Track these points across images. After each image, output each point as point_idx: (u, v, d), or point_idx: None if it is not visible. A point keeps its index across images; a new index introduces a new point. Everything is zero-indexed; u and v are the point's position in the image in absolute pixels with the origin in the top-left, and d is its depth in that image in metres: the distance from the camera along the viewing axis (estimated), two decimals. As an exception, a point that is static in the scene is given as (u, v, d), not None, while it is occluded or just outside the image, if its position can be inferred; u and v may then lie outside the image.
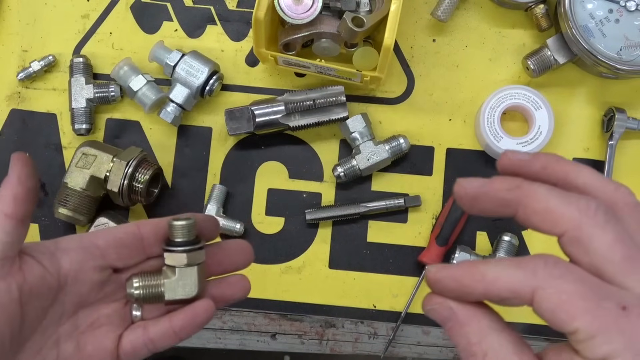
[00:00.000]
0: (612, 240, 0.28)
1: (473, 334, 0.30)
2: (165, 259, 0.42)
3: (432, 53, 0.71)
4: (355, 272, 0.68)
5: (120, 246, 0.42)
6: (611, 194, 0.31)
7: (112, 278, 0.42)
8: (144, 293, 0.42)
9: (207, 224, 0.44)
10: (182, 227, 0.41)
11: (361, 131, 0.66)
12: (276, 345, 0.68)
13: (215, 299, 0.44)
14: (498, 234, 0.66)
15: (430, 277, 0.31)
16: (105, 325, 0.42)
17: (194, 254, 0.41)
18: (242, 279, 0.45)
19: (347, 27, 0.59)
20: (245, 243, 0.46)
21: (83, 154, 0.64)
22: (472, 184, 0.32)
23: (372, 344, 0.68)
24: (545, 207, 0.29)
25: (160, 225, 0.43)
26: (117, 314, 0.43)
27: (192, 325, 0.42)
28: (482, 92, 0.69)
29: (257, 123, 0.67)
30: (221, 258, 0.45)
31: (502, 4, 0.70)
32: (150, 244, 0.43)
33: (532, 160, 0.32)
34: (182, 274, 0.41)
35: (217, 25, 0.72)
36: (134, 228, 0.42)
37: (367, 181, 0.69)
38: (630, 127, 0.66)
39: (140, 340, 0.42)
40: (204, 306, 0.42)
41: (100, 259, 0.41)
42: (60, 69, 0.71)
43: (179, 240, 0.41)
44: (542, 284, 0.28)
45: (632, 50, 0.64)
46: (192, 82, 0.66)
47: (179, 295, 0.42)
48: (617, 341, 0.26)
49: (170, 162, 0.70)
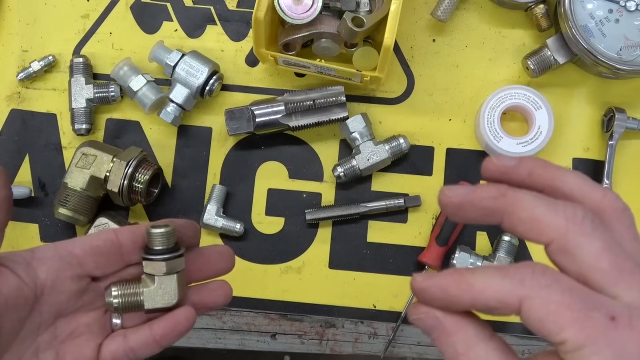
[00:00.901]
0: (599, 249, 0.28)
1: (460, 343, 0.30)
2: (144, 268, 0.41)
3: (432, 53, 0.71)
4: (355, 272, 0.68)
5: (97, 254, 0.41)
6: (599, 200, 0.30)
7: (90, 286, 0.42)
8: (123, 302, 0.41)
9: (187, 230, 0.43)
10: (161, 234, 0.40)
11: (361, 131, 0.66)
12: (276, 345, 0.68)
13: (196, 305, 0.43)
14: (498, 234, 0.66)
15: (416, 286, 0.31)
16: (84, 335, 0.41)
17: (173, 262, 0.41)
18: (223, 285, 0.45)
19: (347, 27, 0.59)
20: (226, 248, 0.45)
21: (83, 154, 0.64)
22: (456, 192, 0.31)
23: (372, 344, 0.68)
24: (530, 216, 0.29)
25: (139, 233, 0.42)
26: (97, 322, 0.42)
27: (173, 333, 0.42)
28: (482, 92, 0.69)
29: (257, 123, 0.67)
30: (202, 264, 0.44)
31: (502, 4, 0.70)
32: (128, 251, 0.42)
33: (518, 167, 0.32)
34: (161, 283, 0.41)
35: (217, 25, 0.72)
36: (111, 235, 0.42)
37: (367, 181, 0.69)
38: (630, 127, 0.67)
39: (121, 349, 0.41)
40: (184, 314, 0.42)
41: (78, 267, 0.41)
42: (60, 69, 0.71)
43: (157, 248, 0.40)
44: (530, 293, 0.27)
45: (632, 50, 0.64)
46: (192, 82, 0.66)
47: (159, 304, 0.41)
48: (606, 352, 0.26)
49: (170, 162, 0.70)
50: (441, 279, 0.30)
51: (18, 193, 0.67)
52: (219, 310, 0.68)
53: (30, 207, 0.69)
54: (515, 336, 0.67)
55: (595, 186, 0.31)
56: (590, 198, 0.30)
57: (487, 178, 0.33)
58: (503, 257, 0.64)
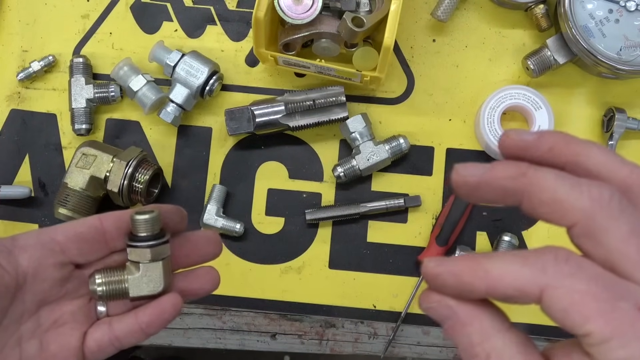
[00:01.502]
0: (627, 233, 0.26)
1: (475, 334, 0.28)
2: (129, 255, 0.40)
3: (432, 53, 0.71)
4: (355, 272, 0.68)
5: (81, 241, 0.40)
6: (626, 177, 0.28)
7: (74, 274, 0.41)
8: (107, 290, 0.40)
9: (173, 215, 0.42)
10: (145, 221, 0.39)
11: (361, 131, 0.66)
12: (276, 345, 0.68)
13: (183, 292, 0.42)
14: (498, 234, 0.66)
15: (429, 272, 0.28)
16: (69, 323, 0.41)
17: (158, 248, 0.40)
18: (210, 271, 0.44)
19: (347, 27, 0.59)
20: (214, 234, 0.44)
21: (83, 154, 0.64)
22: (472, 172, 0.29)
23: (372, 344, 0.68)
24: (553, 196, 0.27)
25: (123, 218, 0.41)
26: (81, 310, 0.41)
27: (159, 321, 0.41)
28: (482, 92, 0.69)
29: (257, 123, 0.67)
30: (188, 250, 0.43)
31: (502, 4, 0.70)
32: (113, 237, 0.41)
33: (538, 142, 0.29)
34: (146, 270, 0.40)
35: (217, 26, 0.72)
36: (95, 222, 0.40)
37: (367, 181, 0.69)
38: (630, 127, 0.66)
39: (106, 337, 0.40)
40: (170, 301, 0.41)
41: (60, 254, 0.40)
42: (60, 69, 0.71)
43: (142, 235, 0.39)
44: (552, 282, 0.25)
45: (632, 50, 0.64)
46: (192, 82, 0.66)
47: (144, 291, 0.40)
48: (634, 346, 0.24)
49: (170, 162, 0.70)
50: (455, 265, 0.28)
51: (18, 193, 0.67)
52: (218, 310, 0.68)
53: (30, 207, 0.69)
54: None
55: (622, 162, 0.28)
56: (617, 175, 0.28)
57: (505, 154, 0.30)
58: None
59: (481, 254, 0.28)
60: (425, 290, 0.29)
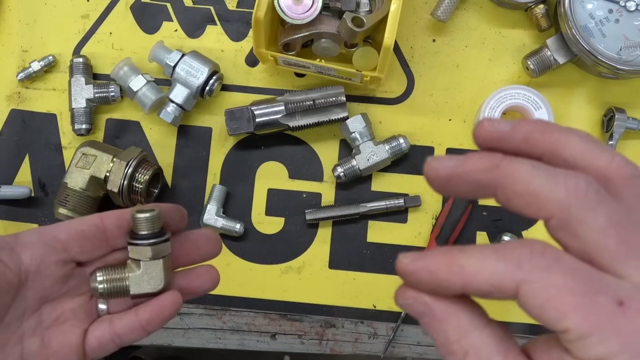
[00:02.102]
0: (605, 223, 0.25)
1: (452, 331, 0.27)
2: (130, 252, 0.41)
3: (432, 53, 0.71)
4: (355, 272, 0.68)
5: (82, 239, 0.40)
6: (605, 166, 0.27)
7: (75, 272, 0.41)
8: (108, 287, 0.40)
9: (173, 214, 0.42)
10: (146, 219, 0.40)
11: (361, 131, 0.66)
12: (276, 345, 0.68)
13: (183, 290, 0.42)
14: (498, 234, 0.66)
15: (403, 268, 0.28)
16: (70, 320, 0.41)
17: (159, 246, 0.40)
18: (210, 270, 0.44)
19: (347, 27, 0.59)
20: (213, 233, 0.45)
21: (83, 154, 0.64)
22: (444, 164, 0.28)
23: (372, 344, 0.68)
24: (527, 188, 0.26)
25: (124, 217, 0.41)
26: (82, 308, 0.42)
27: (159, 319, 0.41)
28: (482, 92, 0.69)
29: (257, 123, 0.67)
30: (188, 249, 0.43)
31: (502, 4, 0.70)
32: (114, 236, 0.41)
33: (513, 132, 0.28)
34: (147, 268, 0.40)
35: (217, 26, 0.72)
36: (96, 220, 0.41)
37: (367, 181, 0.69)
38: (630, 127, 0.67)
39: (107, 335, 0.41)
40: (170, 299, 0.41)
41: (62, 252, 0.40)
42: (60, 69, 0.71)
43: (143, 233, 0.40)
44: (528, 277, 0.25)
45: (632, 50, 0.64)
46: (192, 82, 0.66)
47: (145, 289, 0.41)
48: (613, 342, 0.23)
49: (170, 162, 0.70)
50: (430, 261, 0.27)
51: (18, 193, 0.67)
52: (218, 310, 0.68)
53: (30, 207, 0.69)
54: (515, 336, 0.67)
55: (601, 150, 0.27)
56: (595, 164, 0.27)
57: (480, 145, 0.30)
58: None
59: (457, 248, 0.27)
60: (401, 286, 0.29)
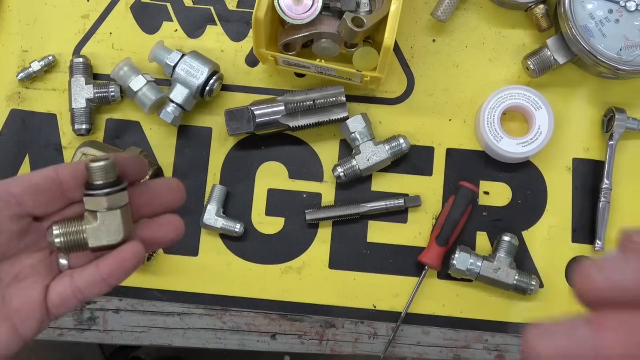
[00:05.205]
0: None
1: None
2: (85, 204, 0.39)
3: (432, 53, 0.71)
4: (355, 272, 0.68)
5: (37, 192, 0.39)
6: None
7: (32, 227, 0.40)
8: (65, 241, 0.39)
9: (131, 163, 0.41)
10: (100, 168, 0.39)
11: (361, 131, 0.66)
12: (276, 345, 0.68)
13: (146, 241, 0.41)
14: (498, 234, 0.66)
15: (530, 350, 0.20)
16: (30, 277, 0.40)
17: (115, 196, 0.39)
18: (173, 219, 0.42)
19: (347, 27, 0.59)
20: (175, 181, 0.43)
21: (83, 154, 0.64)
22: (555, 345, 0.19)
23: (372, 344, 0.68)
24: None
25: (80, 168, 0.40)
26: (42, 263, 0.40)
27: (120, 270, 0.39)
28: (482, 92, 0.69)
29: (257, 123, 0.67)
30: (149, 198, 0.42)
31: (502, 4, 0.70)
32: (70, 188, 0.40)
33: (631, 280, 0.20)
34: (104, 219, 0.39)
35: (217, 26, 0.72)
36: (51, 172, 0.40)
37: (367, 181, 0.69)
38: (630, 127, 0.67)
39: (68, 289, 0.39)
40: (131, 249, 0.39)
41: (16, 207, 0.39)
42: (60, 69, 0.71)
43: (98, 183, 0.39)
44: None
45: (632, 50, 0.64)
46: (192, 82, 0.66)
47: (104, 241, 0.39)
48: None
49: (170, 162, 0.70)
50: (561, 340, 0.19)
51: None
52: (218, 310, 0.68)
53: (30, 207, 0.69)
54: (515, 336, 0.67)
55: None
56: None
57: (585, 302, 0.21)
58: (503, 257, 0.64)
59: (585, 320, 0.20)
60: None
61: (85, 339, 0.68)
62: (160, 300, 0.68)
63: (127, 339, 0.68)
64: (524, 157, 0.66)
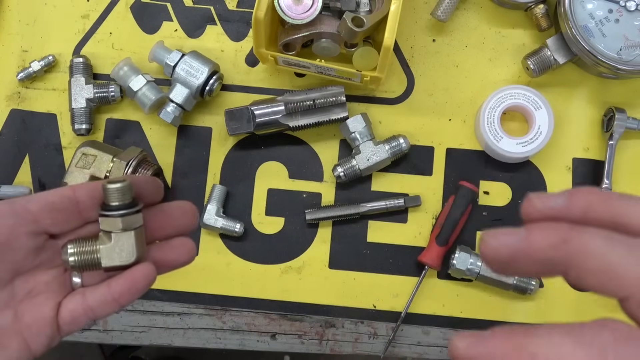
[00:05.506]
0: None
1: None
2: (100, 224, 0.40)
3: (432, 53, 0.71)
4: (355, 272, 0.68)
5: (54, 210, 0.40)
6: None
7: (48, 244, 0.41)
8: (79, 260, 0.40)
9: (147, 186, 0.42)
10: (117, 190, 0.39)
11: (361, 131, 0.66)
12: (276, 345, 0.68)
13: (158, 263, 0.41)
14: (498, 234, 0.66)
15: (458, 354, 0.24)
16: (43, 293, 0.40)
17: (130, 217, 0.39)
18: (186, 242, 0.43)
19: (347, 27, 0.59)
20: (189, 204, 0.44)
21: (83, 154, 0.64)
22: (505, 242, 0.25)
23: (372, 344, 0.68)
24: (602, 265, 0.23)
25: (97, 189, 0.40)
26: (56, 281, 0.41)
27: (132, 291, 0.40)
28: (482, 92, 0.69)
29: (257, 123, 0.67)
30: (163, 221, 0.43)
31: (502, 4, 0.70)
32: (86, 207, 0.40)
33: (570, 206, 0.26)
34: (118, 240, 0.40)
35: (217, 25, 0.72)
36: (69, 192, 0.40)
37: (367, 181, 0.69)
38: (630, 127, 0.66)
39: (80, 308, 0.40)
40: (143, 271, 0.40)
41: (33, 224, 0.39)
42: (60, 69, 0.71)
43: (114, 204, 0.39)
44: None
45: (632, 50, 0.64)
46: (192, 82, 0.66)
47: (116, 261, 0.40)
48: None
49: (170, 162, 0.70)
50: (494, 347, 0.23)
51: (18, 193, 0.67)
52: (218, 310, 0.68)
53: (30, 207, 0.69)
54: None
55: None
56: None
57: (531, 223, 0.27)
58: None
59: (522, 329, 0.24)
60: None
61: (85, 339, 0.68)
62: (160, 300, 0.68)
63: (127, 339, 0.68)
64: (524, 157, 0.66)
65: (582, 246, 0.24)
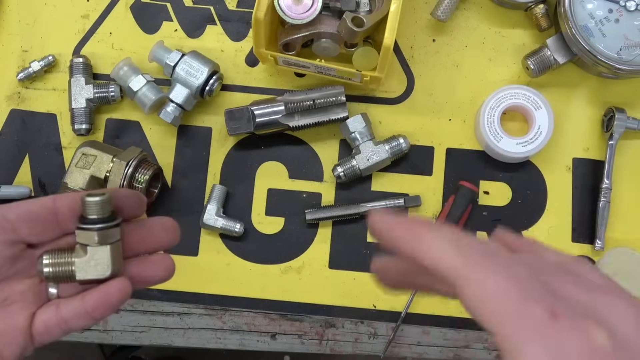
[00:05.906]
0: None
1: None
2: (77, 237, 0.40)
3: (432, 53, 0.71)
4: (355, 272, 0.68)
5: (32, 220, 0.39)
6: None
7: (25, 253, 0.40)
8: (54, 271, 0.39)
9: (128, 200, 0.41)
10: (95, 203, 0.39)
11: (361, 131, 0.66)
12: (276, 345, 0.68)
13: (134, 279, 0.41)
14: (498, 234, 0.66)
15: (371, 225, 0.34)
16: (17, 302, 0.40)
17: (106, 232, 0.39)
18: (164, 259, 0.42)
19: (347, 27, 0.59)
20: (171, 221, 0.43)
21: (83, 154, 0.64)
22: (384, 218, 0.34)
23: (372, 344, 0.68)
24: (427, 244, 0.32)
25: (77, 200, 0.40)
26: (32, 291, 0.40)
27: (105, 306, 0.39)
28: (482, 92, 0.69)
29: (257, 123, 0.67)
30: (143, 236, 0.42)
31: (502, 4, 0.70)
32: (65, 219, 0.40)
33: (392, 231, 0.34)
34: (94, 253, 0.39)
35: (217, 25, 0.72)
36: (49, 202, 0.40)
37: (367, 181, 0.69)
38: (630, 127, 0.67)
39: (53, 319, 0.40)
40: (117, 286, 0.39)
41: (11, 232, 0.39)
42: (60, 69, 0.71)
43: (91, 217, 0.39)
44: (470, 274, 0.29)
45: (632, 50, 0.64)
46: (192, 82, 0.66)
47: (91, 275, 0.39)
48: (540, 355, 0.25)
49: (170, 162, 0.70)
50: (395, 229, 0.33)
51: (18, 193, 0.67)
52: (218, 310, 0.68)
53: (30, 207, 0.69)
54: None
55: None
56: None
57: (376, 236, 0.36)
58: None
59: (428, 224, 0.33)
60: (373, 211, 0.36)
61: (85, 339, 0.68)
62: (160, 300, 0.68)
63: (127, 339, 0.68)
64: (524, 157, 0.66)
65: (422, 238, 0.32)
